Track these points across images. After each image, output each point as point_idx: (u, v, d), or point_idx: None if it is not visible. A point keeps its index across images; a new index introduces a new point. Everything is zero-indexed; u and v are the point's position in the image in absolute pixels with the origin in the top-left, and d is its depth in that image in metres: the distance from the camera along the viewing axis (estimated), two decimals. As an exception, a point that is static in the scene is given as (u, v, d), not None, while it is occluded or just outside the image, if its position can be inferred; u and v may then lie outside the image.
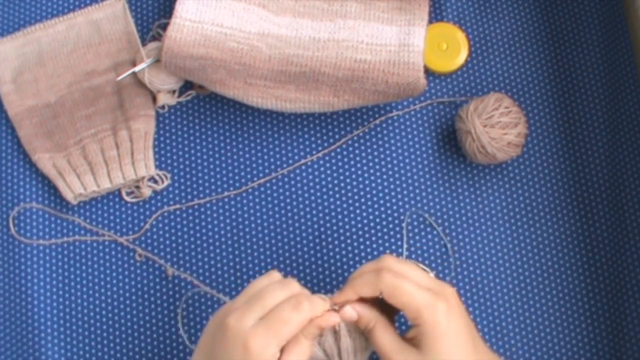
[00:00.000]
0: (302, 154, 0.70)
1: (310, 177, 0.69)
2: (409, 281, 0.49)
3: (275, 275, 0.53)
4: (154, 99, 0.70)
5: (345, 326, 0.52)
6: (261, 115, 0.70)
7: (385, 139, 0.70)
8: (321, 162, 0.69)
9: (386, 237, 0.67)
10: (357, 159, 0.69)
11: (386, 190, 0.68)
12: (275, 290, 0.50)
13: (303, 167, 0.69)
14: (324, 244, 0.67)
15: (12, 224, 0.68)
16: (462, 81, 0.71)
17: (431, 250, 0.66)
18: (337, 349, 0.52)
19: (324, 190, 0.68)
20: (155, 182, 0.69)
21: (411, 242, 0.67)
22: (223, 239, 0.67)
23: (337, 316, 0.50)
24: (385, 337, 0.50)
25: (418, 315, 0.48)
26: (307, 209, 0.68)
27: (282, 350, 0.48)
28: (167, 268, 0.66)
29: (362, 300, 0.51)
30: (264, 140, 0.70)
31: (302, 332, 0.49)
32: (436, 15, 0.72)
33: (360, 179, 0.69)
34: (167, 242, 0.67)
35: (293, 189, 0.69)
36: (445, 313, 0.48)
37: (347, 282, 0.52)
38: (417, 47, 0.65)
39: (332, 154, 0.69)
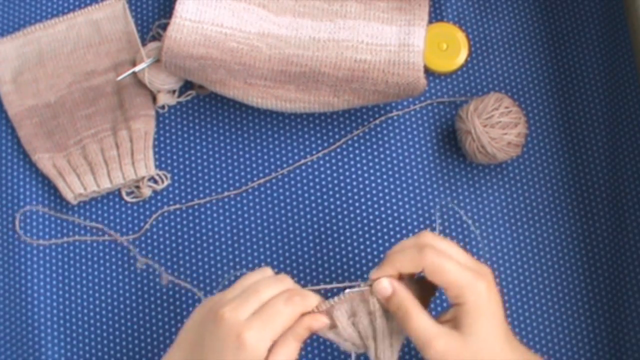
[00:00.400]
0: (302, 154, 0.69)
1: (310, 177, 0.69)
2: (451, 260, 0.48)
3: (268, 270, 0.53)
4: (154, 99, 0.70)
5: (381, 307, 0.50)
6: (261, 115, 0.70)
7: (385, 139, 0.70)
8: (321, 162, 0.69)
9: (386, 237, 0.67)
10: (357, 159, 0.69)
11: (386, 190, 0.68)
12: (271, 284, 0.51)
13: (303, 167, 0.69)
14: (324, 244, 0.67)
15: (17, 225, 0.68)
16: (462, 81, 0.71)
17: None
18: (372, 331, 0.51)
19: (324, 190, 0.68)
20: (155, 182, 0.69)
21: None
22: (223, 239, 0.67)
23: (327, 318, 0.50)
24: (422, 321, 0.48)
25: (460, 293, 0.48)
26: (307, 209, 0.68)
27: (270, 350, 0.48)
28: (163, 277, 0.66)
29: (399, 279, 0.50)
30: (264, 140, 0.70)
31: (291, 334, 0.49)
32: (436, 15, 0.72)
33: (360, 179, 0.69)
34: (167, 242, 0.67)
35: (293, 189, 0.68)
36: (486, 293, 0.48)
37: (386, 258, 0.51)
38: (417, 47, 0.65)
39: (332, 154, 0.69)
